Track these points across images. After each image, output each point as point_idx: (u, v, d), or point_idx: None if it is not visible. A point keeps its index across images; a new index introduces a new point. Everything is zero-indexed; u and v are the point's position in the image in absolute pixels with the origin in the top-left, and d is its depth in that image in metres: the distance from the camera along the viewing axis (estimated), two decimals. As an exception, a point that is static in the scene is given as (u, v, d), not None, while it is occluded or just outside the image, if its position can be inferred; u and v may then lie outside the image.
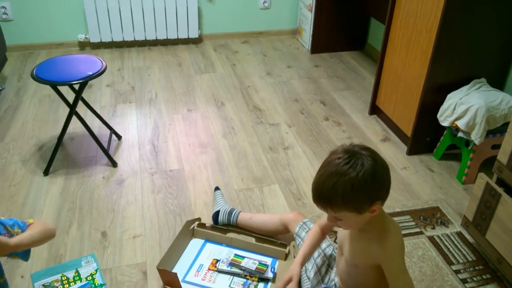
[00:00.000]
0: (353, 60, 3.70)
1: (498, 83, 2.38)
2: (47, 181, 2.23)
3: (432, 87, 2.31)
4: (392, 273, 1.32)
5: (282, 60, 3.66)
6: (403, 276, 1.32)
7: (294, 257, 1.79)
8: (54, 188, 2.19)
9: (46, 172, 2.27)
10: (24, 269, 1.76)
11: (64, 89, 2.32)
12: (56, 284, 1.69)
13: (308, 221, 1.77)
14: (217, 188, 2.14)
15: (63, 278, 1.72)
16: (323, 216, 1.55)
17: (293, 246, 1.83)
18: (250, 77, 3.36)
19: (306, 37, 3.84)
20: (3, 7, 3.43)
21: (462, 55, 2.24)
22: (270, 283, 1.72)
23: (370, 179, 1.16)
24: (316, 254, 1.66)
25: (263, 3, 3.95)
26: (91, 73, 2.16)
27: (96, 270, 1.75)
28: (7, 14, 3.48)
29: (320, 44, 3.77)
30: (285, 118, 2.84)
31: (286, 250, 1.82)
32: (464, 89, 2.25)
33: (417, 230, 2.00)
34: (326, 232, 1.61)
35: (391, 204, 2.14)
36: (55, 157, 2.29)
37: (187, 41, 3.94)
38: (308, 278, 1.62)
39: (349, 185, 1.15)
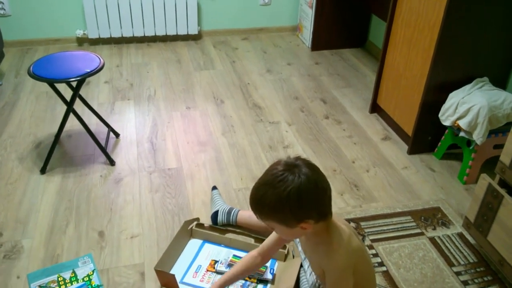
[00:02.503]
0: (354, 57, 3.67)
1: (500, 82, 2.35)
2: (44, 180, 2.21)
3: (434, 85, 2.28)
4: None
5: (282, 57, 3.63)
6: None
7: (293, 257, 1.77)
8: (51, 187, 2.17)
9: (43, 170, 2.25)
10: (20, 270, 1.74)
11: (62, 86, 2.29)
12: (52, 285, 1.67)
13: None
14: (214, 188, 2.12)
15: (59, 278, 1.70)
16: (266, 241, 1.51)
17: (292, 246, 1.81)
18: (250, 74, 3.33)
19: (307, 34, 3.81)
20: (0, 2, 3.40)
21: (464, 54, 2.22)
22: (269, 285, 1.70)
23: (294, 198, 1.14)
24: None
25: (263, -1, 3.92)
26: (88, 70, 2.13)
27: (93, 271, 1.73)
28: (4, 10, 3.44)
29: (320, 41, 3.74)
30: (285, 116, 2.81)
31: (285, 251, 1.79)
32: (466, 88, 2.22)
33: (418, 231, 1.98)
34: (267, 257, 1.53)
35: (391, 204, 2.12)
36: (52, 155, 2.27)
37: (186, 38, 3.91)
38: (307, 280, 1.60)
39: (274, 198, 1.15)
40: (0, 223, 1.95)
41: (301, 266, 1.71)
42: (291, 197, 1.13)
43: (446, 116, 2.23)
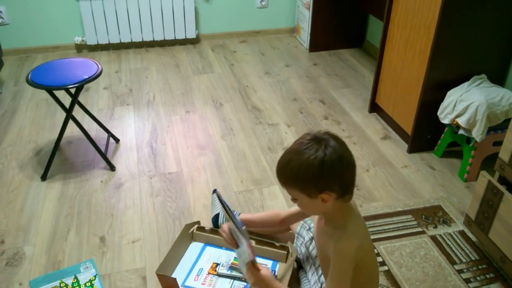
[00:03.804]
0: (352, 57, 3.68)
1: (498, 79, 2.35)
2: (45, 186, 2.22)
3: (431, 84, 2.29)
4: (331, 274, 1.30)
5: (281, 59, 3.64)
6: (336, 282, 1.29)
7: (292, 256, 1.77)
8: (52, 193, 2.17)
9: (44, 177, 2.25)
10: (22, 276, 1.74)
11: (61, 93, 2.30)
12: (54, 291, 1.67)
13: (309, 220, 1.75)
14: (215, 191, 2.12)
15: (61, 284, 1.70)
16: (291, 210, 1.64)
17: (291, 247, 1.80)
18: (248, 77, 3.34)
19: (304, 35, 3.81)
20: (-2, 11, 3.42)
21: (461, 52, 2.22)
22: (271, 286, 1.69)
23: (317, 166, 1.18)
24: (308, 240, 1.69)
25: (261, 1, 3.93)
26: (86, 77, 2.14)
27: (95, 276, 1.73)
28: (3, 18, 3.46)
29: (318, 42, 3.75)
30: (284, 118, 2.82)
31: (285, 252, 1.79)
32: (464, 85, 2.22)
33: (419, 229, 1.98)
34: (285, 223, 1.70)
35: (392, 204, 2.12)
36: (53, 161, 2.27)
37: (184, 42, 3.92)
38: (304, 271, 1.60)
39: (297, 164, 1.20)
40: (1, 230, 1.96)
41: (301, 268, 1.70)
42: (314, 165, 1.17)
43: (445, 114, 2.23)
